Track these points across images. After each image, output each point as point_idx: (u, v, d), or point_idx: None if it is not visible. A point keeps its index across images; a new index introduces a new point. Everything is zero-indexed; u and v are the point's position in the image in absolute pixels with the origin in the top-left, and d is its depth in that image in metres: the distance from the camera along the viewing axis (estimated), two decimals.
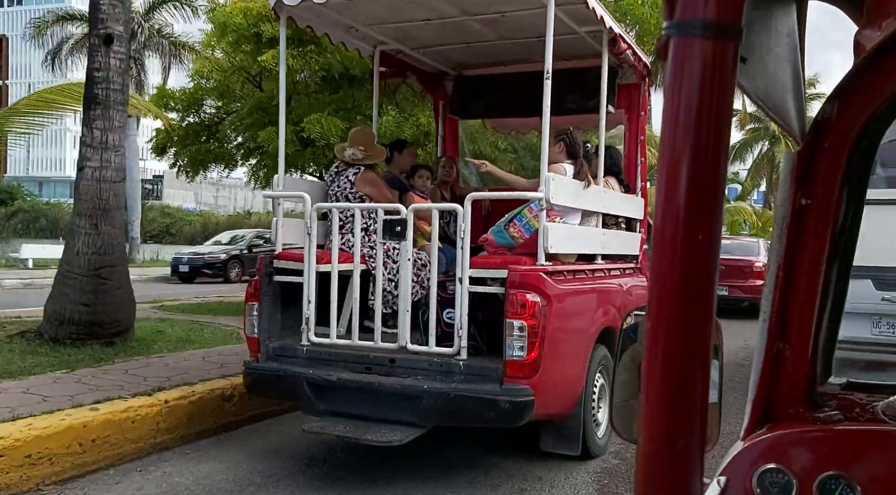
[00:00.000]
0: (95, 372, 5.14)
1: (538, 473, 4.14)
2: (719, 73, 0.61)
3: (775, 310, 1.03)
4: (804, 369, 1.04)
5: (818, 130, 0.97)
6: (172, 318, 8.54)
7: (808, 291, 1.02)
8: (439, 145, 6.60)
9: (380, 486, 3.90)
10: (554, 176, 3.99)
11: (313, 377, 4.06)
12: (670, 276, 0.63)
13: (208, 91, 9.75)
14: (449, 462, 4.32)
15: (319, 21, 4.85)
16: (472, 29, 5.18)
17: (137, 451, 4.22)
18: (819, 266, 1.01)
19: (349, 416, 4.00)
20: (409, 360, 4.00)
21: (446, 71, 6.23)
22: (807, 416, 1.05)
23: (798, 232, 1.00)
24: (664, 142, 0.63)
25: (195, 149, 9.75)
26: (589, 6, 4.24)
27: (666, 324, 0.63)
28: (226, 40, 8.82)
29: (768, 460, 1.00)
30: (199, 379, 5.01)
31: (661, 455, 0.65)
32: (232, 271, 19.49)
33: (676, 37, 0.62)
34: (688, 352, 0.63)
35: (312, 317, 4.22)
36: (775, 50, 0.85)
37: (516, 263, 3.83)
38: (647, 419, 0.65)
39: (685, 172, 0.62)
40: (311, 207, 4.31)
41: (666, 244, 0.63)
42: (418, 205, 4.36)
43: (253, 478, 3.95)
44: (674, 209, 0.62)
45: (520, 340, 3.68)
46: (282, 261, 4.39)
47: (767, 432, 1.04)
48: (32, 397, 4.34)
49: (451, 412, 3.77)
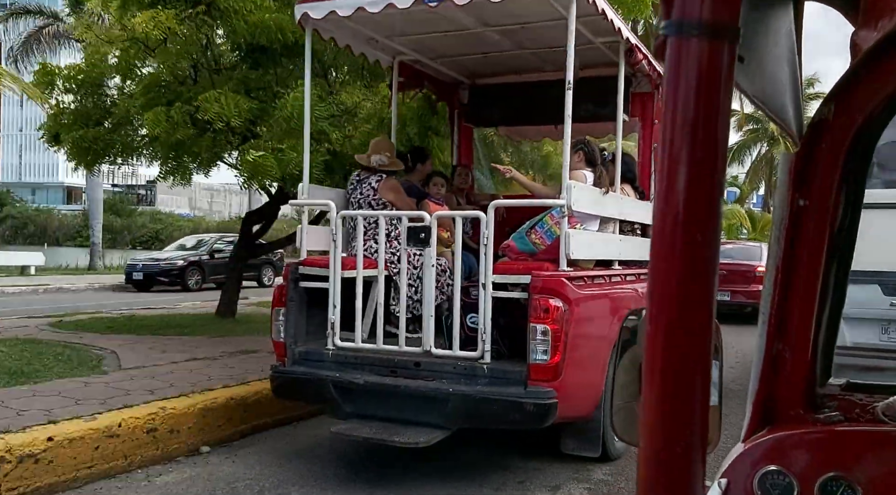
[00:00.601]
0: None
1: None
2: (717, 74, 0.61)
3: (774, 311, 1.03)
4: (804, 371, 1.04)
5: (815, 131, 0.97)
6: (46, 339, 6.97)
7: (806, 293, 1.01)
8: (454, 153, 6.71)
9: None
10: (575, 183, 4.09)
11: (340, 380, 4.15)
12: (669, 278, 0.62)
13: (105, 68, 7.83)
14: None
15: (342, 33, 4.97)
16: (490, 39, 5.29)
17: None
18: (818, 267, 1.00)
19: (375, 418, 4.10)
20: (434, 364, 4.09)
21: (461, 80, 6.35)
22: (807, 418, 1.05)
23: (796, 233, 1.00)
24: (662, 144, 0.63)
25: (79, 134, 7.68)
26: (608, 18, 4.35)
27: (666, 326, 0.63)
28: (114, 3, 7.05)
29: (769, 462, 1.00)
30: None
31: (663, 457, 0.64)
32: (191, 278, 17.65)
33: (674, 37, 0.62)
34: (688, 354, 0.63)
35: (338, 321, 4.32)
36: (773, 50, 0.85)
37: (539, 269, 3.93)
38: (647, 421, 0.65)
39: (683, 173, 0.61)
40: (335, 215, 4.42)
41: (665, 246, 0.62)
42: (442, 213, 4.47)
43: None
44: (672, 210, 0.62)
45: (543, 344, 3.78)
46: (307, 267, 4.50)
47: (768, 434, 1.03)
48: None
49: (477, 414, 3.87)
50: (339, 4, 4.37)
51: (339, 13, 4.35)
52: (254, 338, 7.35)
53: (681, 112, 0.61)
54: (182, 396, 4.69)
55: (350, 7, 4.29)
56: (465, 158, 6.66)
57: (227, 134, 6.80)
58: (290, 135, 6.10)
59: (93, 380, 5.17)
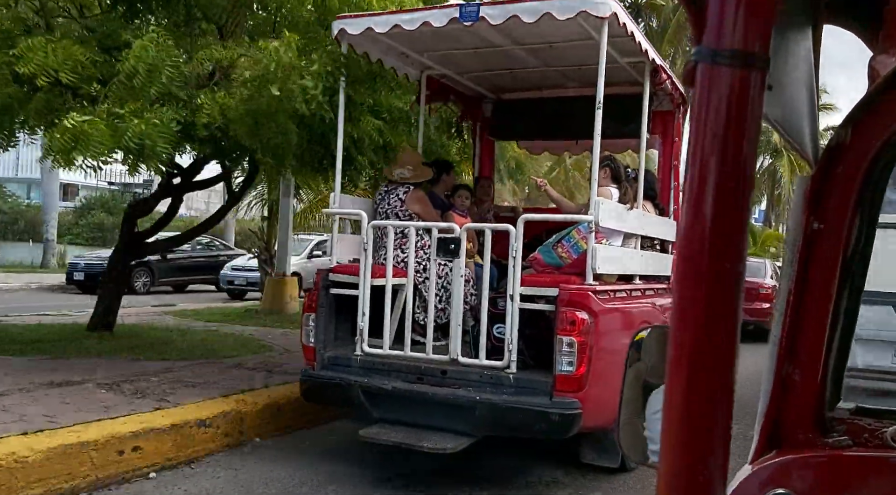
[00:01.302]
0: None
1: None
2: (747, 102, 0.61)
3: (785, 333, 1.03)
4: (813, 394, 1.04)
5: (832, 155, 0.97)
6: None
7: (818, 316, 1.01)
8: (476, 165, 6.84)
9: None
10: (602, 200, 4.21)
11: (369, 385, 4.28)
12: (694, 304, 0.62)
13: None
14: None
15: (375, 47, 5.12)
16: (516, 56, 5.43)
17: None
18: (830, 291, 1.00)
19: (401, 423, 4.21)
20: (460, 372, 4.21)
21: (486, 94, 6.49)
22: (816, 441, 1.04)
23: (810, 256, 0.99)
24: (690, 169, 0.64)
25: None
26: (636, 40, 4.48)
27: (691, 348, 0.62)
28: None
29: (776, 485, 0.99)
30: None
31: (683, 484, 0.63)
32: (138, 280, 15.82)
33: (705, 64, 0.62)
34: (712, 380, 0.62)
35: (366, 328, 4.44)
36: (793, 75, 0.86)
37: (566, 282, 4.05)
38: (669, 447, 0.64)
39: (711, 200, 0.61)
40: (367, 224, 4.55)
41: (691, 270, 0.62)
42: (472, 225, 4.60)
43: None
44: (699, 236, 0.61)
45: (569, 356, 3.89)
46: (337, 274, 4.63)
47: (776, 456, 1.03)
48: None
49: (503, 422, 3.98)
50: (376, 21, 4.52)
51: (376, 30, 4.50)
52: (128, 366, 5.90)
53: (710, 139, 0.61)
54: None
55: (387, 24, 4.44)
56: (487, 171, 6.80)
57: (63, 93, 5.33)
58: (132, 96, 4.90)
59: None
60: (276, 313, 10.95)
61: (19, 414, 4.22)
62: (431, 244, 4.40)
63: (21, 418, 4.14)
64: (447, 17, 4.31)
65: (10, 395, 4.69)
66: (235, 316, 10.62)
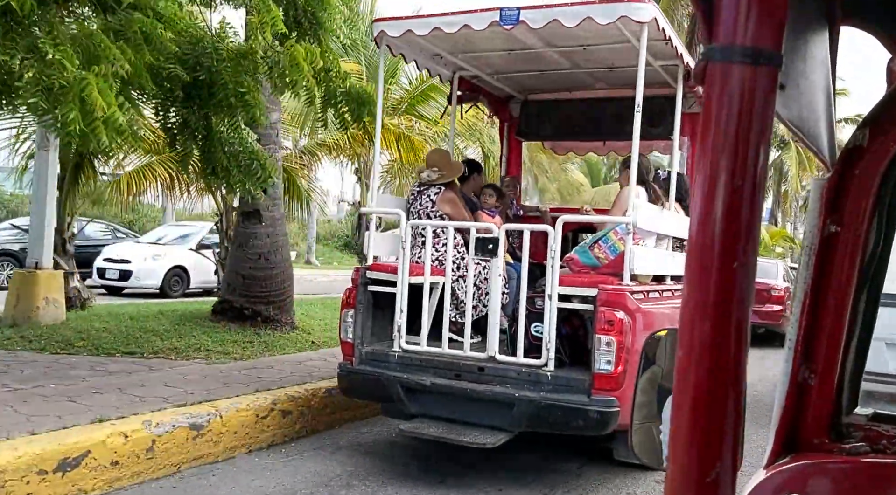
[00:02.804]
0: None
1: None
2: (759, 100, 0.60)
3: (801, 337, 1.01)
4: (830, 399, 1.02)
5: (849, 157, 0.96)
6: None
7: (835, 320, 1.00)
8: (503, 165, 6.92)
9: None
10: (640, 203, 4.29)
11: (408, 381, 4.37)
12: (704, 303, 0.61)
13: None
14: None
15: (410, 48, 5.20)
16: (548, 58, 5.50)
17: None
18: (847, 294, 0.99)
19: (439, 419, 4.30)
20: (498, 369, 4.30)
21: (514, 94, 6.57)
22: (832, 447, 1.02)
23: (827, 259, 0.98)
24: (701, 168, 0.63)
25: None
26: (672, 44, 4.55)
27: (699, 350, 0.62)
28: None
29: (791, 490, 0.98)
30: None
31: (691, 486, 0.62)
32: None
33: (715, 62, 0.61)
34: (721, 380, 0.61)
35: (404, 325, 4.53)
36: (810, 76, 0.84)
37: (604, 282, 4.13)
38: (677, 447, 0.63)
39: (722, 197, 0.60)
40: (405, 224, 4.64)
41: (700, 270, 0.61)
42: (511, 226, 4.69)
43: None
44: (710, 233, 0.61)
45: (607, 355, 3.97)
46: (375, 271, 4.72)
47: (791, 461, 1.01)
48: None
49: (541, 419, 4.06)
50: (415, 24, 4.60)
51: (416, 32, 4.58)
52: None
53: (721, 137, 0.60)
54: None
55: (427, 27, 4.52)
56: (514, 170, 6.88)
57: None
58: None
59: None
60: (19, 326, 7.11)
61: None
62: (470, 243, 4.48)
63: None
64: (487, 21, 4.38)
65: None
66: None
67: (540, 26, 4.28)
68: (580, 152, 7.80)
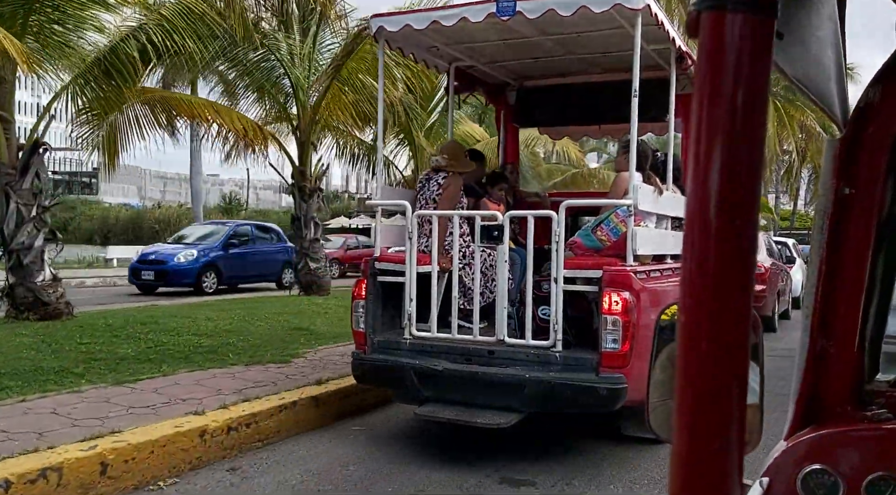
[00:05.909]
0: None
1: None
2: (755, 50, 0.57)
3: (818, 305, 0.99)
4: (850, 366, 1.00)
5: (861, 116, 0.93)
6: None
7: (853, 285, 0.97)
8: (501, 152, 7.03)
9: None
10: (640, 185, 4.41)
11: (420, 367, 4.50)
12: (704, 268, 0.58)
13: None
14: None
15: (408, 42, 5.28)
16: (543, 45, 5.59)
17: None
18: (864, 258, 0.96)
19: (453, 403, 4.44)
20: (507, 352, 4.43)
21: (509, 82, 6.66)
22: (853, 415, 1.01)
23: (841, 223, 0.96)
24: (696, 125, 0.59)
25: None
26: (664, 28, 4.65)
27: (699, 317, 0.60)
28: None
29: (813, 461, 0.96)
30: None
31: (696, 455, 0.61)
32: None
33: (707, 12, 0.58)
34: (723, 347, 0.59)
35: (414, 313, 4.66)
36: (817, 33, 0.80)
37: (608, 264, 4.26)
38: (681, 417, 0.61)
39: (719, 155, 0.57)
40: (411, 214, 4.75)
41: (699, 233, 0.58)
42: (515, 212, 4.80)
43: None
44: (708, 195, 0.57)
45: (613, 334, 4.11)
46: (383, 262, 4.83)
47: (812, 432, 0.99)
48: None
49: (552, 398, 4.21)
50: (413, 19, 4.69)
51: (414, 26, 4.67)
52: None
53: (715, 91, 0.56)
54: None
55: (426, 21, 4.61)
56: (512, 157, 6.98)
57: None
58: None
59: None
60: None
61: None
62: (476, 231, 4.59)
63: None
64: (484, 13, 4.47)
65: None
66: None
67: (536, 17, 4.37)
68: (574, 137, 7.90)
